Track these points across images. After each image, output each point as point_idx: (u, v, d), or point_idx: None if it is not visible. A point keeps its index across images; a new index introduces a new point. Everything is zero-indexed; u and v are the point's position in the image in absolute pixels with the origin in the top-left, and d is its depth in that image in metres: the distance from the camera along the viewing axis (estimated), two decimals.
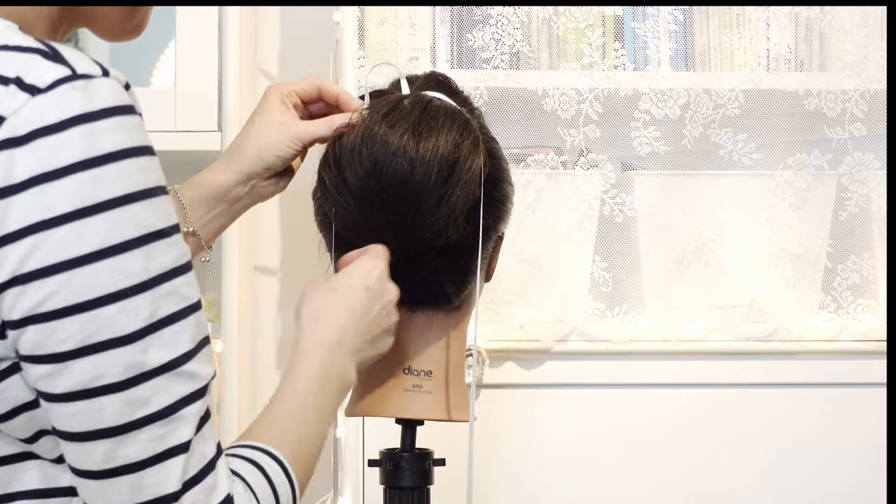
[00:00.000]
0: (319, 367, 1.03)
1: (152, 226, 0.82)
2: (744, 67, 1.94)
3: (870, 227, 1.96)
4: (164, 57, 2.10)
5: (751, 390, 1.94)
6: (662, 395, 1.93)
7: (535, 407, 1.92)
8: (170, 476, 0.83)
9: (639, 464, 1.92)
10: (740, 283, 1.93)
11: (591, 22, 1.93)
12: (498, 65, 1.91)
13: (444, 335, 1.20)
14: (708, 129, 1.92)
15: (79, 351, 0.80)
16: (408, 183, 1.09)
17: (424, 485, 1.20)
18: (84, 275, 0.79)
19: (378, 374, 1.19)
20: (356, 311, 1.08)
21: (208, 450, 0.86)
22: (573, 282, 1.92)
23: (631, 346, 1.92)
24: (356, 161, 1.11)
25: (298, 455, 0.97)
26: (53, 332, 0.79)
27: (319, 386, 1.02)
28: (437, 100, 1.15)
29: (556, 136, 1.91)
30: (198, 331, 0.85)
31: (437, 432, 1.27)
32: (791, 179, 1.93)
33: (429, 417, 1.19)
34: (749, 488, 1.93)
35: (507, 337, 1.91)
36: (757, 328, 1.94)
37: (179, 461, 0.83)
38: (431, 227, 1.11)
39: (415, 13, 1.93)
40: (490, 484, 1.88)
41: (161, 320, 0.82)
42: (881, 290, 1.95)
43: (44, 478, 0.88)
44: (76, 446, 0.83)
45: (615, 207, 1.92)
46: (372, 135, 1.11)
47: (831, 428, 1.94)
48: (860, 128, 1.93)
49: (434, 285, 1.17)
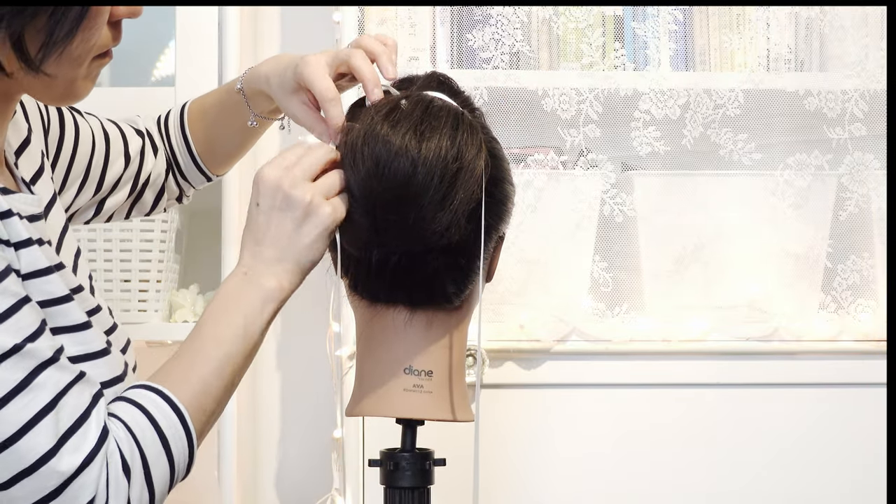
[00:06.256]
0: (218, 300, 1.10)
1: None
2: (744, 67, 1.94)
3: (870, 227, 1.96)
4: (164, 56, 2.10)
5: (751, 390, 1.94)
6: (662, 395, 1.93)
7: (535, 407, 1.92)
8: (41, 437, 0.96)
9: (638, 464, 1.92)
10: (740, 283, 1.93)
11: (591, 22, 1.93)
12: (498, 65, 1.91)
13: (445, 335, 1.20)
14: (708, 129, 1.93)
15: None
16: (410, 183, 1.09)
17: (425, 485, 1.20)
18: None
19: (379, 373, 1.19)
20: (252, 230, 1.11)
21: (82, 401, 1.00)
22: (573, 282, 1.92)
23: (631, 346, 1.92)
24: (358, 161, 1.11)
25: (190, 383, 1.06)
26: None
27: (213, 316, 1.09)
28: (439, 100, 1.15)
29: (556, 136, 1.91)
30: (37, 316, 1.00)
31: (437, 432, 1.27)
32: (791, 179, 1.93)
33: (430, 417, 1.19)
34: (749, 488, 1.93)
35: (507, 337, 1.91)
36: (757, 328, 1.94)
37: (48, 421, 0.97)
38: (433, 227, 1.11)
39: (415, 13, 1.93)
40: (490, 484, 1.88)
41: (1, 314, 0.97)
42: (881, 290, 1.95)
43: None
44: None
45: (615, 207, 1.92)
46: (374, 134, 1.11)
47: (831, 428, 1.94)
48: (860, 128, 1.94)
49: (435, 285, 1.16)
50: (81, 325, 1.08)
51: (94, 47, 1.05)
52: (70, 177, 1.32)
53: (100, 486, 0.98)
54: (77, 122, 1.34)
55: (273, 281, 1.10)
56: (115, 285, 1.92)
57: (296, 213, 1.09)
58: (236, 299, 1.10)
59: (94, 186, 1.36)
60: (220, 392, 1.07)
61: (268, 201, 1.10)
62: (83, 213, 1.39)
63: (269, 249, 1.10)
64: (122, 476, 0.99)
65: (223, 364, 1.07)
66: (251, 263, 1.11)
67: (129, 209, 1.45)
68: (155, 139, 1.45)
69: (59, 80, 1.05)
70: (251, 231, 1.12)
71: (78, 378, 1.01)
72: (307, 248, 1.10)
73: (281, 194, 1.09)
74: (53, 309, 1.06)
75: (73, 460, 0.97)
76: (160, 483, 1.03)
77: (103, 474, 0.98)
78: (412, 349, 1.19)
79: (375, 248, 1.14)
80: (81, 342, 1.08)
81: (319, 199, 1.10)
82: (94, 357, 1.09)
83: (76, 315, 1.08)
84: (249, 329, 1.09)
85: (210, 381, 1.06)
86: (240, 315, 1.09)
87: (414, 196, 1.09)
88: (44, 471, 0.96)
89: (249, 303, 1.09)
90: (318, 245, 1.11)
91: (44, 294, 1.05)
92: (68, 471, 0.97)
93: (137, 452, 1.01)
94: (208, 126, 1.43)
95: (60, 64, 1.03)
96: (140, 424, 1.02)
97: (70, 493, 0.97)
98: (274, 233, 1.10)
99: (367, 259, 1.15)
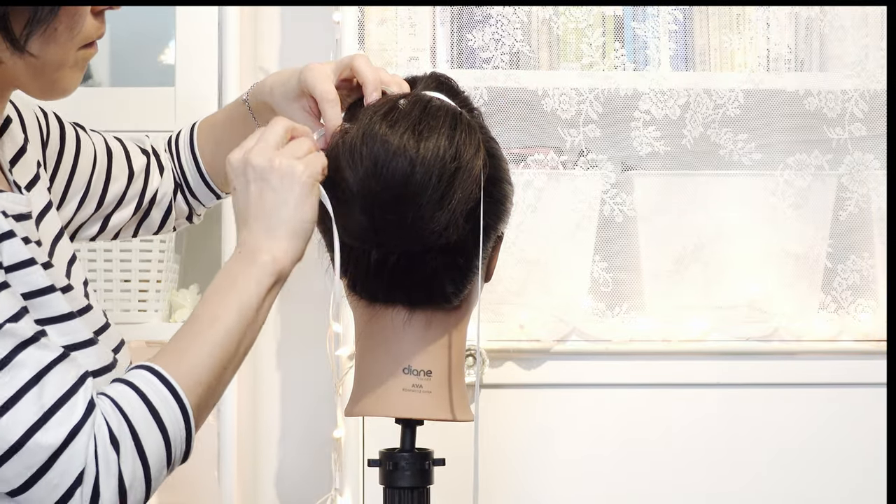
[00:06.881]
0: (216, 280, 1.10)
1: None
2: (744, 67, 1.94)
3: (870, 227, 1.96)
4: (164, 56, 2.10)
5: (751, 390, 1.94)
6: (662, 395, 1.93)
7: (535, 407, 1.92)
8: (24, 413, 0.97)
9: (638, 464, 1.92)
10: (740, 283, 1.93)
11: (591, 22, 1.93)
12: (498, 65, 1.91)
13: (443, 335, 1.19)
14: (708, 129, 1.92)
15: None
16: (408, 183, 1.09)
17: (424, 485, 1.20)
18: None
19: (378, 373, 1.19)
20: (239, 212, 1.12)
21: (67, 378, 1.00)
22: (573, 282, 1.92)
23: (631, 346, 1.92)
24: (356, 160, 1.11)
25: (184, 358, 1.06)
26: None
27: (209, 296, 1.09)
28: (437, 100, 1.15)
29: (556, 136, 1.91)
30: (16, 301, 1.01)
31: (436, 432, 1.27)
32: (791, 179, 1.93)
33: (429, 417, 1.19)
34: (749, 488, 1.93)
35: (507, 337, 1.91)
36: (757, 328, 1.94)
37: (30, 397, 0.97)
38: (431, 226, 1.11)
39: (415, 13, 1.93)
40: (490, 484, 1.88)
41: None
42: (881, 290, 1.95)
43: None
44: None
45: (615, 207, 1.92)
46: (372, 134, 1.11)
47: (831, 428, 1.94)
48: (860, 128, 1.94)
49: (434, 285, 1.16)
50: (66, 316, 1.09)
51: (79, 35, 1.07)
52: (70, 190, 1.33)
53: (88, 459, 0.98)
54: (79, 136, 1.34)
55: (265, 254, 1.09)
56: (115, 285, 1.92)
57: (269, 180, 1.09)
58: (231, 277, 1.10)
59: (95, 201, 1.36)
60: (217, 365, 1.06)
61: (241, 179, 1.10)
62: (87, 228, 1.39)
63: (257, 223, 1.10)
64: (110, 448, 0.99)
65: (219, 340, 1.06)
66: (245, 241, 1.11)
67: (137, 227, 1.45)
68: (162, 158, 1.45)
69: (46, 66, 1.06)
70: (238, 214, 1.12)
71: (62, 357, 1.01)
72: (293, 210, 1.09)
73: (249, 168, 1.09)
74: (37, 300, 1.06)
75: (58, 433, 0.97)
76: (155, 456, 1.02)
77: (90, 446, 0.98)
78: (411, 349, 1.18)
79: (374, 247, 1.14)
80: (67, 332, 1.08)
81: (289, 160, 1.09)
82: (80, 347, 1.09)
83: (60, 306, 1.08)
84: (245, 303, 1.08)
85: (205, 354, 1.06)
86: (234, 291, 1.08)
87: (412, 196, 1.09)
88: (29, 446, 0.97)
89: (243, 278, 1.09)
90: (304, 206, 1.09)
91: (26, 285, 1.06)
92: (54, 444, 0.97)
93: (126, 425, 1.00)
94: (217, 141, 1.43)
95: (46, 46, 1.05)
96: (128, 398, 1.02)
97: (59, 467, 0.97)
98: (256, 206, 1.09)
99: (366, 259, 1.15)
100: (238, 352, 1.09)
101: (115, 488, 0.99)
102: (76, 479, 0.98)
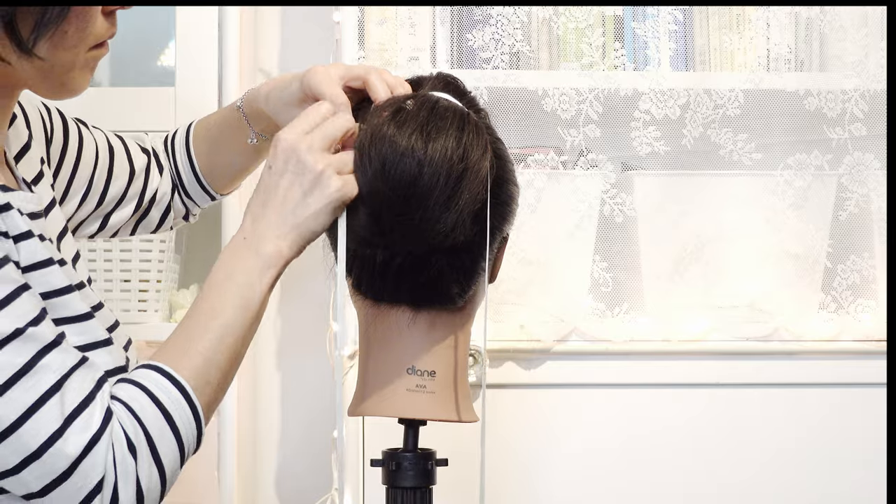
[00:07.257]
0: (217, 268, 1.10)
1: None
2: (744, 67, 1.94)
3: (870, 227, 1.96)
4: (163, 56, 2.10)
5: (751, 390, 1.94)
6: (662, 395, 1.93)
7: (535, 407, 1.92)
8: (47, 419, 0.97)
9: (638, 464, 1.92)
10: (740, 283, 1.93)
11: (591, 22, 1.93)
12: (498, 65, 1.91)
13: (448, 335, 1.20)
14: (708, 129, 1.93)
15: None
16: (416, 183, 1.09)
17: (427, 485, 1.21)
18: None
19: (382, 373, 1.19)
20: (261, 191, 1.11)
21: (86, 383, 1.00)
22: (573, 282, 1.92)
23: (631, 346, 1.92)
24: (364, 161, 1.11)
25: (189, 356, 1.05)
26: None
27: (211, 286, 1.09)
28: (444, 100, 1.15)
29: (556, 136, 1.91)
30: (37, 303, 1.00)
31: (439, 432, 1.27)
32: (791, 179, 1.94)
33: (433, 418, 1.19)
34: (749, 488, 1.93)
35: (507, 337, 1.91)
36: (757, 328, 1.94)
37: (53, 403, 0.97)
38: (439, 227, 1.11)
39: (415, 13, 1.92)
40: (491, 483, 1.88)
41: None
42: (881, 290, 1.95)
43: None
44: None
45: (615, 207, 1.92)
46: (380, 135, 1.11)
47: (831, 428, 1.94)
48: (860, 128, 1.94)
49: (439, 286, 1.16)
50: (84, 316, 1.09)
51: (90, 36, 1.05)
52: (72, 187, 1.32)
53: (108, 466, 0.98)
54: (81, 133, 1.34)
55: (271, 246, 1.09)
56: (115, 285, 1.92)
57: (306, 179, 1.09)
58: (234, 267, 1.09)
59: (96, 199, 1.36)
60: (223, 362, 1.07)
61: (280, 164, 1.10)
62: (87, 226, 1.39)
63: (272, 213, 1.09)
64: (128, 455, 1.00)
65: (223, 334, 1.06)
66: (251, 228, 1.10)
67: (135, 226, 1.46)
68: (161, 158, 1.45)
69: (55, 68, 1.05)
70: (260, 193, 1.11)
71: (81, 361, 1.02)
72: (310, 217, 1.09)
73: (295, 158, 1.09)
74: (55, 300, 1.06)
75: (79, 441, 0.97)
76: (169, 459, 1.02)
77: (110, 454, 0.99)
78: (415, 349, 1.18)
79: (380, 248, 1.14)
80: (84, 332, 1.08)
81: (331, 172, 1.09)
82: (97, 346, 1.09)
83: (78, 306, 1.08)
84: (247, 297, 1.08)
85: (210, 351, 1.06)
86: (237, 284, 1.08)
87: (420, 196, 1.09)
88: (52, 452, 0.97)
89: (247, 270, 1.09)
90: (321, 217, 1.10)
91: (45, 285, 1.06)
92: (75, 452, 0.97)
93: (141, 431, 1.01)
94: (211, 144, 1.44)
95: (55, 49, 1.03)
96: (141, 402, 1.02)
97: (79, 474, 0.98)
98: (281, 196, 1.09)
99: (372, 259, 1.15)
100: (243, 344, 1.09)
101: (133, 494, 1.00)
102: (95, 486, 0.98)
